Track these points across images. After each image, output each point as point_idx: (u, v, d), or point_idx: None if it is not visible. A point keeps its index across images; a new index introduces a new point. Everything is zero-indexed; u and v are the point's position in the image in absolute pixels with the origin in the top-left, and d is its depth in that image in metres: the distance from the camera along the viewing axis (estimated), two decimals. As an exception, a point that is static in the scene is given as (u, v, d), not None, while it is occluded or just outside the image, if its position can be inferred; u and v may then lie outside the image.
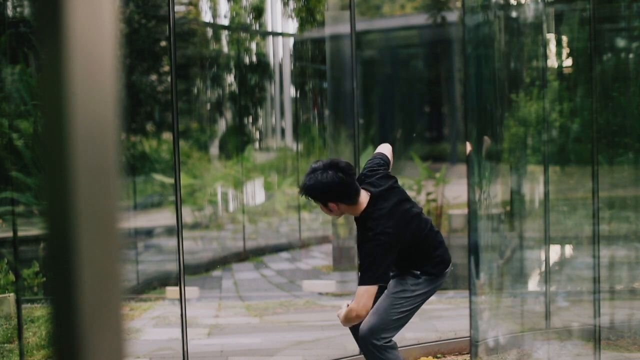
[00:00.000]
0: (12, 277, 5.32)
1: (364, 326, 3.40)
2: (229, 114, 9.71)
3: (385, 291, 3.48)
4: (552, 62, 5.51)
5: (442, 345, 4.85)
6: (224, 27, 9.27)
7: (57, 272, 0.72)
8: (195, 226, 9.05)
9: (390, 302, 3.43)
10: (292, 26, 9.33)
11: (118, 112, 0.74)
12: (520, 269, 5.31)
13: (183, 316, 4.19)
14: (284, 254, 8.85)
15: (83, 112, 0.71)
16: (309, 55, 9.49)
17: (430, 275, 3.48)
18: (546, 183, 5.11)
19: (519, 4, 5.32)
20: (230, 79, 9.52)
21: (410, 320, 3.61)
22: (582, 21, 5.30)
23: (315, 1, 8.73)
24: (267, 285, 7.40)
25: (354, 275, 5.20)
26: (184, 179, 8.62)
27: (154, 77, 9.13)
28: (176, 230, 4.23)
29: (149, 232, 8.77)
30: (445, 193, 7.75)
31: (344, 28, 5.94)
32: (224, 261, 8.38)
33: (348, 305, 3.28)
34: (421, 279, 3.46)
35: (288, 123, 10.01)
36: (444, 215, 7.74)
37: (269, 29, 9.32)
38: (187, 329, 4.27)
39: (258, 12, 9.23)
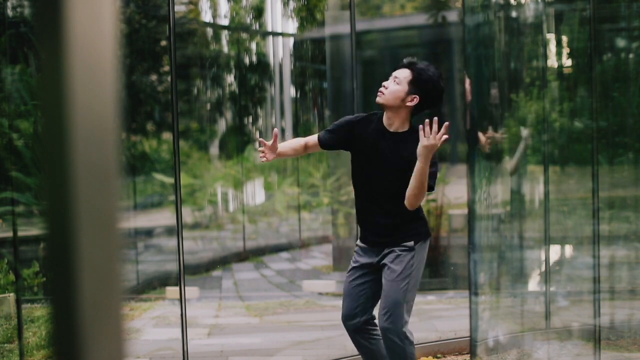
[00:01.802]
0: (12, 277, 5.32)
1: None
2: (229, 114, 9.70)
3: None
4: (552, 62, 5.51)
5: (442, 345, 4.85)
6: (224, 27, 9.27)
7: (57, 272, 0.72)
8: (195, 226, 9.05)
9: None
10: (292, 26, 9.33)
11: (118, 112, 0.74)
12: (520, 269, 5.31)
13: (183, 316, 4.19)
14: (284, 254, 8.85)
15: (83, 112, 0.71)
16: (309, 55, 9.48)
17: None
18: (546, 183, 5.11)
19: (519, 4, 5.32)
20: (230, 79, 9.51)
21: (410, 321, 3.61)
22: (582, 21, 5.30)
23: (315, 1, 8.73)
24: (267, 285, 7.40)
25: (354, 275, 5.20)
26: (184, 179, 8.62)
27: (154, 77, 9.12)
28: (176, 230, 4.23)
29: (149, 232, 8.77)
30: (445, 193, 7.75)
31: (344, 28, 5.94)
32: (224, 261, 8.38)
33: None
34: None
35: (288, 123, 10.01)
36: (444, 215, 7.74)
37: (269, 29, 9.32)
38: (187, 329, 4.27)
39: (258, 12, 9.23)
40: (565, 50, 5.62)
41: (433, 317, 5.66)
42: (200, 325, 5.76)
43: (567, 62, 5.64)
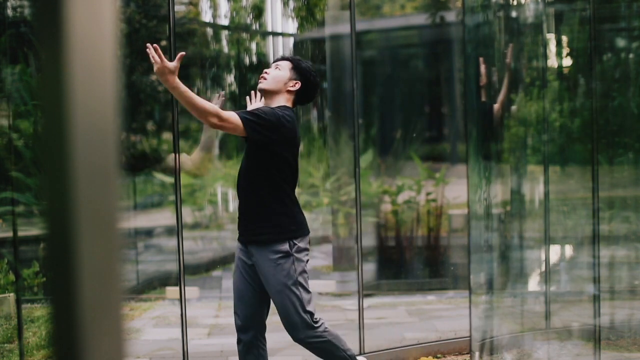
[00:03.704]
0: (12, 277, 5.32)
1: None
2: (229, 114, 9.69)
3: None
4: (552, 62, 5.51)
5: (442, 345, 4.85)
6: (224, 27, 9.26)
7: (57, 272, 0.72)
8: (195, 226, 9.05)
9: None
10: (292, 26, 9.32)
11: (118, 112, 0.74)
12: (520, 269, 5.31)
13: (183, 316, 4.19)
14: (284, 254, 8.82)
15: (83, 112, 0.71)
16: (309, 55, 9.48)
17: None
18: (546, 183, 5.11)
19: (519, 4, 5.32)
20: (230, 79, 9.51)
21: (410, 320, 3.61)
22: (582, 21, 5.30)
23: (315, 0, 8.73)
24: (267, 285, 7.39)
25: (354, 275, 5.21)
26: (184, 179, 8.62)
27: (154, 77, 9.12)
28: (176, 230, 4.23)
29: (149, 232, 8.77)
30: (445, 193, 7.75)
31: (344, 28, 5.94)
32: (224, 261, 8.38)
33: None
34: None
35: (288, 123, 9.99)
36: (444, 215, 7.74)
37: (269, 29, 9.32)
38: (187, 329, 4.27)
39: (258, 12, 9.23)
40: (565, 50, 5.62)
41: (433, 317, 5.66)
42: (200, 325, 5.76)
43: (567, 62, 5.64)
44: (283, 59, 3.57)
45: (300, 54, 9.52)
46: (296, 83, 3.48)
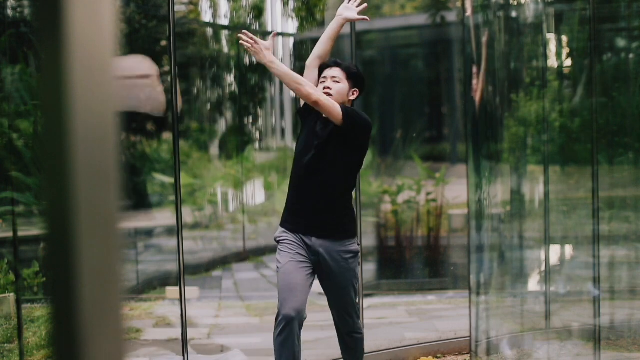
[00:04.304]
0: (12, 277, 5.32)
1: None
2: (229, 114, 9.70)
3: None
4: (552, 62, 5.51)
5: (442, 345, 4.85)
6: (224, 27, 9.27)
7: (57, 272, 0.72)
8: (195, 226, 9.05)
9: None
10: (292, 26, 9.32)
11: (118, 113, 0.74)
12: (520, 269, 5.31)
13: (183, 316, 4.19)
14: (284, 254, 8.82)
15: (83, 112, 0.71)
16: (309, 55, 9.48)
17: None
18: (546, 183, 5.11)
19: (519, 4, 5.32)
20: (230, 79, 9.51)
21: (410, 320, 3.63)
22: (582, 21, 5.30)
23: (315, 0, 8.73)
24: (267, 285, 7.39)
25: (354, 275, 5.21)
26: (184, 179, 8.62)
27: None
28: (176, 230, 4.23)
29: (149, 232, 8.77)
30: (445, 193, 7.75)
31: (344, 28, 5.92)
32: (224, 261, 8.38)
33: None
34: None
35: (288, 123, 10.01)
36: (444, 215, 7.74)
37: (269, 29, 9.32)
38: (187, 329, 4.27)
39: (258, 12, 9.23)
40: (565, 50, 5.62)
41: (433, 317, 5.66)
42: (200, 325, 5.76)
43: (567, 62, 5.64)
44: (335, 64, 3.57)
45: (300, 54, 9.53)
46: (355, 91, 3.55)
